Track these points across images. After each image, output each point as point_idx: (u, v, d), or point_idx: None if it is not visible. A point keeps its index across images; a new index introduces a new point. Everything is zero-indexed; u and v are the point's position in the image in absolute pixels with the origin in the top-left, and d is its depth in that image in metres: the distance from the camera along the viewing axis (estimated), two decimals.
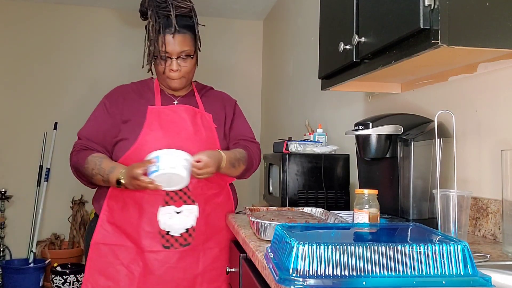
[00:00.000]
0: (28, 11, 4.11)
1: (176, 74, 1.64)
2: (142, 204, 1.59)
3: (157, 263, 1.58)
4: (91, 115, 1.73)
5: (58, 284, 3.65)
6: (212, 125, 1.72)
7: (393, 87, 1.76)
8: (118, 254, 1.61)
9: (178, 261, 1.60)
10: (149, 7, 1.63)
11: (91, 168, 1.59)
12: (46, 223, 4.05)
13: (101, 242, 1.62)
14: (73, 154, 1.67)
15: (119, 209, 1.63)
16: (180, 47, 1.62)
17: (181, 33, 1.62)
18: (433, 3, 0.98)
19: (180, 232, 1.60)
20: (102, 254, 1.61)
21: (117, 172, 1.55)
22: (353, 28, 1.36)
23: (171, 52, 1.62)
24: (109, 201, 1.65)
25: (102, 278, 1.60)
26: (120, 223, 1.62)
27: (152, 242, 1.58)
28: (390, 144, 1.42)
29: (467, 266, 0.79)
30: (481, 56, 1.24)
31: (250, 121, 1.94)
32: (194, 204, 1.62)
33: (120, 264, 1.60)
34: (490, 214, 1.27)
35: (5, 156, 4.05)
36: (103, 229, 1.63)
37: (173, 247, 1.59)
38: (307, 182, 1.90)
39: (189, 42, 1.65)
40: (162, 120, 1.63)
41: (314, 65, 2.49)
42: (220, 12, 4.28)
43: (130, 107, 1.68)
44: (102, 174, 1.57)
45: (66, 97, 4.16)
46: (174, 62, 1.63)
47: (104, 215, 1.64)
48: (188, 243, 1.61)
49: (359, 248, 0.78)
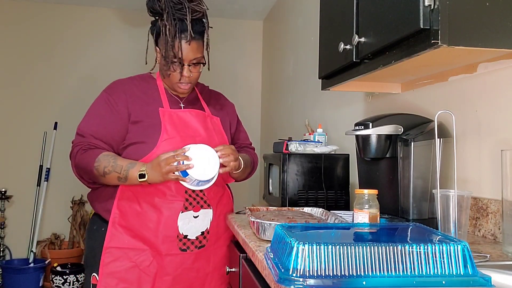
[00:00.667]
0: (28, 11, 4.11)
1: (187, 80, 1.62)
2: (161, 209, 1.56)
3: (174, 265, 1.59)
4: (92, 110, 1.65)
5: (58, 284, 3.65)
6: (221, 129, 1.74)
7: (393, 87, 1.76)
8: (132, 257, 1.58)
9: (193, 262, 1.63)
10: (165, 8, 1.57)
11: (103, 167, 1.53)
12: (46, 223, 4.05)
13: (114, 246, 1.58)
14: (77, 153, 1.58)
15: (133, 213, 1.58)
16: (193, 54, 1.59)
17: (196, 40, 1.59)
18: (433, 3, 0.98)
19: (196, 235, 1.61)
20: (115, 258, 1.58)
21: (138, 166, 1.51)
22: (353, 28, 1.36)
23: (185, 58, 1.58)
24: (120, 203, 1.60)
25: (116, 281, 1.57)
26: (135, 227, 1.59)
27: (170, 246, 1.58)
28: (390, 144, 1.42)
29: (467, 266, 0.79)
30: (481, 56, 1.24)
31: (250, 122, 1.96)
32: (209, 208, 1.63)
33: (134, 266, 1.58)
34: (490, 214, 1.27)
35: (5, 156, 4.06)
36: (115, 233, 1.59)
37: (189, 250, 1.60)
38: (307, 182, 1.90)
39: (201, 49, 1.63)
40: (176, 124, 1.61)
41: (314, 65, 2.49)
42: (220, 12, 4.28)
43: (136, 106, 1.62)
44: (118, 171, 1.51)
45: (66, 97, 4.16)
46: (186, 68, 1.60)
47: (114, 218, 1.59)
48: (203, 245, 1.63)
49: (359, 248, 0.78)
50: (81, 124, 1.63)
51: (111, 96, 1.64)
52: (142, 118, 1.61)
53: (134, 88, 1.67)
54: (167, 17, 1.56)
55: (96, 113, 1.64)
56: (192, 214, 1.59)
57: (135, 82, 1.70)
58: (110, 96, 1.64)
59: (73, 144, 1.63)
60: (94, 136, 1.59)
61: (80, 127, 1.63)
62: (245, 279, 1.35)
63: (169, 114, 1.63)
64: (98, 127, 1.60)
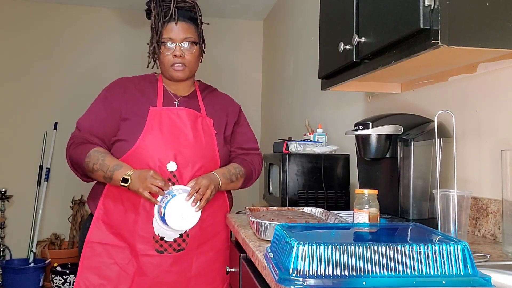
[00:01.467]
0: (28, 11, 4.11)
1: (180, 61, 1.65)
2: (138, 208, 1.58)
3: (151, 266, 1.58)
4: (92, 106, 1.71)
5: (58, 284, 3.65)
6: (212, 131, 1.71)
7: (393, 87, 1.76)
8: (112, 253, 1.60)
9: (172, 265, 1.61)
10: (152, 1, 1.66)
11: (92, 163, 1.57)
12: (46, 223, 4.05)
13: (96, 241, 1.61)
14: (71, 146, 1.64)
15: (116, 211, 1.62)
16: (183, 33, 1.65)
17: (185, 22, 1.66)
18: (433, 3, 0.98)
19: (174, 238, 1.60)
20: (96, 253, 1.61)
21: (124, 170, 1.53)
22: (353, 28, 1.36)
23: (175, 38, 1.64)
24: (105, 200, 1.63)
25: (95, 276, 1.59)
26: (115, 224, 1.61)
27: (146, 246, 1.58)
28: (390, 144, 1.42)
29: (467, 266, 0.79)
30: (481, 56, 1.24)
31: (250, 122, 1.93)
32: None
33: (114, 263, 1.60)
34: (490, 214, 1.27)
35: (5, 156, 4.06)
36: (98, 228, 1.62)
37: (166, 252, 1.59)
38: (307, 182, 1.90)
39: (192, 31, 1.68)
40: (163, 123, 1.62)
41: (314, 65, 2.49)
42: (220, 12, 4.28)
43: (129, 104, 1.66)
44: (104, 170, 1.55)
45: (67, 97, 4.16)
46: (177, 48, 1.64)
47: (99, 214, 1.63)
48: (182, 248, 1.61)
49: (359, 248, 0.78)
50: (80, 118, 1.70)
51: (108, 93, 1.71)
52: (131, 116, 1.65)
53: (132, 86, 1.71)
54: (154, 8, 1.65)
55: (94, 109, 1.70)
56: None
57: (136, 81, 1.74)
58: (108, 93, 1.71)
59: (70, 138, 1.68)
60: (89, 131, 1.65)
61: (79, 121, 1.69)
62: (245, 279, 1.35)
63: (159, 112, 1.64)
64: (94, 123, 1.66)
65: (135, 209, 1.59)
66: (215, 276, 1.70)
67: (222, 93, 1.88)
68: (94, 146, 1.61)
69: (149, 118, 1.62)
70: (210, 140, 1.68)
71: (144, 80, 1.75)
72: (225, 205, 1.77)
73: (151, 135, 1.60)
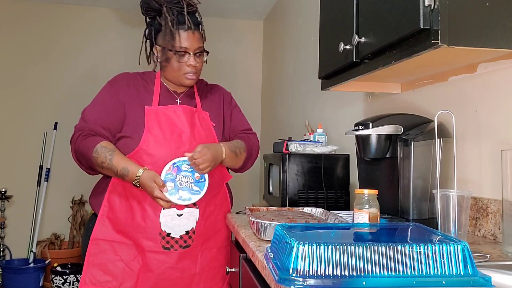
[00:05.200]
0: (28, 10, 4.11)
1: (194, 70, 1.66)
2: (144, 205, 1.60)
3: (157, 263, 1.59)
4: (98, 97, 1.70)
5: (58, 284, 3.65)
6: (209, 123, 1.73)
7: (393, 87, 1.76)
8: (118, 250, 1.61)
9: (177, 262, 1.62)
10: (163, 3, 1.65)
11: (100, 161, 1.56)
12: (46, 223, 4.05)
13: (101, 238, 1.62)
14: (78, 138, 1.62)
15: (122, 208, 1.62)
16: (197, 43, 1.66)
17: (196, 30, 1.67)
18: (433, 3, 0.98)
19: (180, 234, 1.61)
20: (101, 250, 1.62)
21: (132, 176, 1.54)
22: (353, 28, 1.36)
23: (189, 47, 1.64)
24: (110, 197, 1.64)
25: (101, 273, 1.60)
26: (120, 221, 1.62)
27: (152, 243, 1.59)
28: (390, 144, 1.42)
29: (467, 266, 0.79)
30: (481, 56, 1.24)
31: (250, 122, 1.94)
32: (195, 207, 1.63)
33: (119, 260, 1.61)
34: (490, 214, 1.27)
35: (5, 156, 4.05)
36: (103, 225, 1.63)
37: (173, 249, 1.60)
38: (307, 182, 1.90)
39: (200, 39, 1.69)
40: (161, 121, 1.64)
41: (314, 65, 2.49)
42: (220, 12, 4.28)
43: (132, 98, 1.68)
44: (114, 170, 1.56)
45: (66, 97, 4.16)
46: (192, 57, 1.65)
47: (104, 211, 1.64)
48: (188, 245, 1.63)
49: (359, 248, 0.78)
50: (86, 109, 1.69)
51: (112, 86, 1.71)
52: (133, 110, 1.66)
53: (135, 81, 1.73)
54: (166, 11, 1.64)
55: (100, 100, 1.70)
56: (176, 212, 1.60)
57: (138, 77, 1.75)
58: (112, 86, 1.71)
59: (75, 129, 1.67)
60: (96, 122, 1.64)
61: (85, 112, 1.68)
62: (245, 279, 1.35)
63: (154, 112, 1.65)
64: (101, 114, 1.66)
65: (141, 205, 1.60)
66: (216, 274, 1.71)
67: (213, 84, 1.90)
68: (101, 139, 1.60)
69: (147, 118, 1.63)
70: (210, 133, 1.71)
71: (143, 77, 1.76)
72: (227, 202, 1.78)
73: (152, 134, 1.61)
